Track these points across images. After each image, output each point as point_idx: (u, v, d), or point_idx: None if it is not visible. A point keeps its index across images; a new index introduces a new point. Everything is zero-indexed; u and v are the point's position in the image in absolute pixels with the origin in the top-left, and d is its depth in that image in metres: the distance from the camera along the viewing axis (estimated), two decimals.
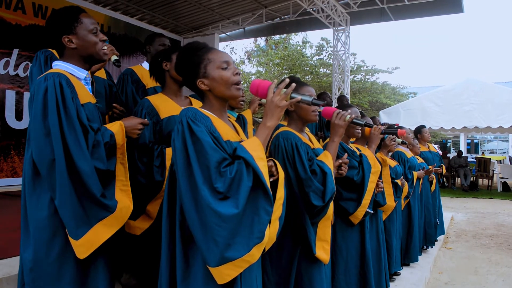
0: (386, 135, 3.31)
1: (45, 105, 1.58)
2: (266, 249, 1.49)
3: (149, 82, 2.82)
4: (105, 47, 1.83)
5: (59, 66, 1.75)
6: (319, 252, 1.98)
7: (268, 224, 1.41)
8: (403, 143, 3.53)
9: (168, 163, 2.05)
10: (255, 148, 1.42)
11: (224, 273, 1.33)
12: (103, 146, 1.64)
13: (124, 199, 1.69)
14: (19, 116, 5.63)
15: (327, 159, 2.02)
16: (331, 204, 2.01)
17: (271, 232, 1.45)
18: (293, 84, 1.51)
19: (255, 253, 1.36)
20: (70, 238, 1.58)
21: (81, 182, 1.56)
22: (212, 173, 1.35)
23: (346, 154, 2.27)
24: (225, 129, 1.52)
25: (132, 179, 2.06)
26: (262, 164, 1.40)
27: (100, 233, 1.60)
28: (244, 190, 1.35)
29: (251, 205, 1.37)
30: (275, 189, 1.52)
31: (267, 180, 1.40)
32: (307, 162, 1.97)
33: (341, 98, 6.46)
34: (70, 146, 1.56)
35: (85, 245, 1.58)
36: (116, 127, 1.74)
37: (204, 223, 1.32)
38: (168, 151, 2.09)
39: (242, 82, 1.60)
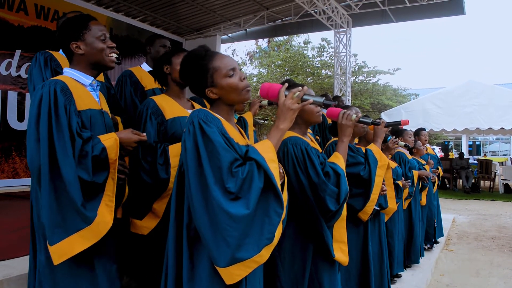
0: (389, 137, 3.29)
1: (38, 111, 1.62)
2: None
3: (148, 84, 2.80)
4: (113, 54, 1.85)
5: (66, 73, 1.81)
6: (338, 254, 1.96)
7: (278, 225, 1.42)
8: (405, 146, 3.50)
9: (171, 161, 2.05)
10: (267, 150, 1.43)
11: (234, 273, 1.34)
12: (91, 158, 1.63)
13: (106, 214, 1.65)
14: (21, 117, 5.64)
15: (339, 160, 2.00)
16: (345, 204, 1.98)
17: (276, 235, 1.47)
18: (305, 88, 1.53)
19: (264, 254, 1.37)
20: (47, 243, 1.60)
21: (64, 189, 1.57)
22: (224, 173, 1.35)
23: None
24: (233, 132, 1.53)
25: (137, 179, 2.08)
26: (273, 166, 1.41)
27: (75, 244, 1.58)
28: (255, 191, 1.35)
29: (262, 206, 1.38)
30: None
31: (278, 182, 1.41)
32: (319, 166, 1.92)
33: (336, 99, 6.38)
34: (57, 153, 1.58)
35: (57, 252, 1.58)
36: (110, 142, 1.71)
37: (214, 224, 1.32)
38: (171, 149, 2.08)
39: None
